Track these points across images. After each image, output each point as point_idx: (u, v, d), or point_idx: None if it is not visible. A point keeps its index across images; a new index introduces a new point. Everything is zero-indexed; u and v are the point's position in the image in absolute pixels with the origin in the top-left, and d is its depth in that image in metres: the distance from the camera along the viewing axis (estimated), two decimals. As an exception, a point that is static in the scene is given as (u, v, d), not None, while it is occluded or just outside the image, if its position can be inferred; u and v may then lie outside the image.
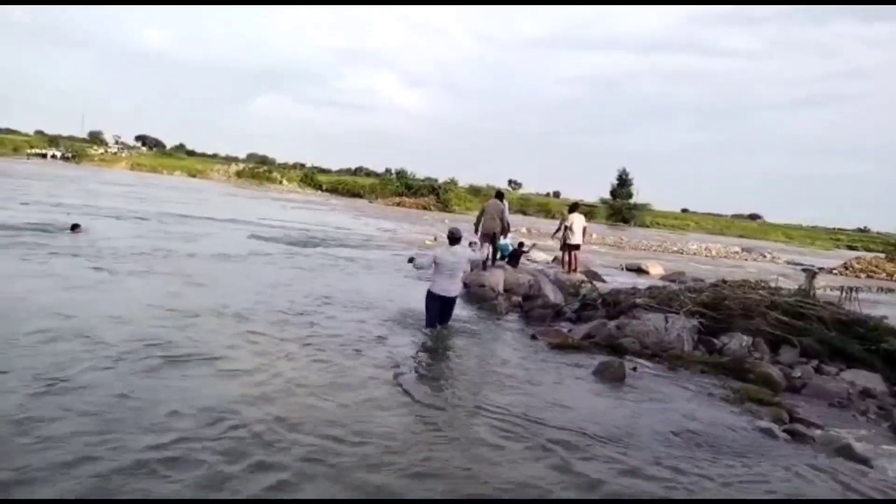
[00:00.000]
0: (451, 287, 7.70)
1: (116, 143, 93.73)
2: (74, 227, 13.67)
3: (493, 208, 12.71)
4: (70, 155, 70.32)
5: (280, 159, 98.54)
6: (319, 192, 66.03)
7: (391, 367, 6.05)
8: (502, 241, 15.56)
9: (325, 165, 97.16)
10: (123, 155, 79.25)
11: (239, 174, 70.16)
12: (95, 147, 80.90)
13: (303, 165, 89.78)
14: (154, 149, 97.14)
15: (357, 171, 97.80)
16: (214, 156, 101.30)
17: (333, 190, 67.32)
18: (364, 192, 62.59)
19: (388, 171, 73.69)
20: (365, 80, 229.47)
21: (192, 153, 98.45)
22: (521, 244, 15.47)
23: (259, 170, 73.68)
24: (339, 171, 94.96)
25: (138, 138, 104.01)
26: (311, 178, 73.86)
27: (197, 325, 6.69)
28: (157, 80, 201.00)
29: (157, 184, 43.00)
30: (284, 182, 69.73)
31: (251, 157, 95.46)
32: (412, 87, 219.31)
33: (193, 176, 66.21)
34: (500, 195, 13.27)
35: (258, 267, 11.50)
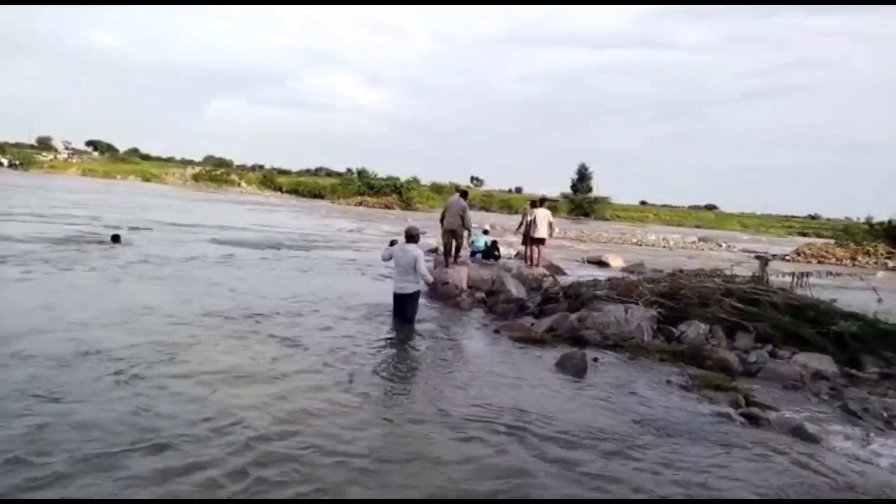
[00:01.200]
0: (405, 284, 7.98)
1: (66, 148, 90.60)
2: (115, 239, 13.75)
3: (455, 205, 12.75)
4: (17, 162, 67.81)
5: (238, 161, 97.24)
6: (280, 193, 65.17)
7: (350, 363, 6.08)
8: (480, 238, 15.68)
9: (284, 166, 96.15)
10: (74, 161, 76.67)
11: (196, 177, 68.64)
12: (44, 154, 78.15)
13: (262, 167, 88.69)
14: (106, 154, 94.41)
15: (318, 172, 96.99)
16: (170, 159, 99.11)
17: (294, 191, 66.52)
18: (325, 193, 62.00)
19: (349, 170, 73.33)
20: (323, 80, 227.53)
21: (146, 157, 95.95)
22: (494, 242, 15.61)
23: (217, 172, 72.21)
24: (300, 172, 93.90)
25: (89, 143, 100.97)
26: (270, 179, 72.84)
27: (170, 327, 6.55)
28: (108, 83, 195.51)
29: (110, 189, 41.73)
30: (243, 184, 68.58)
31: (208, 160, 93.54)
32: (372, 87, 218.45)
33: (148, 180, 64.46)
34: (464, 194, 13.32)
35: (222, 271, 11.28)
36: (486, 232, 17.16)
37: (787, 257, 27.95)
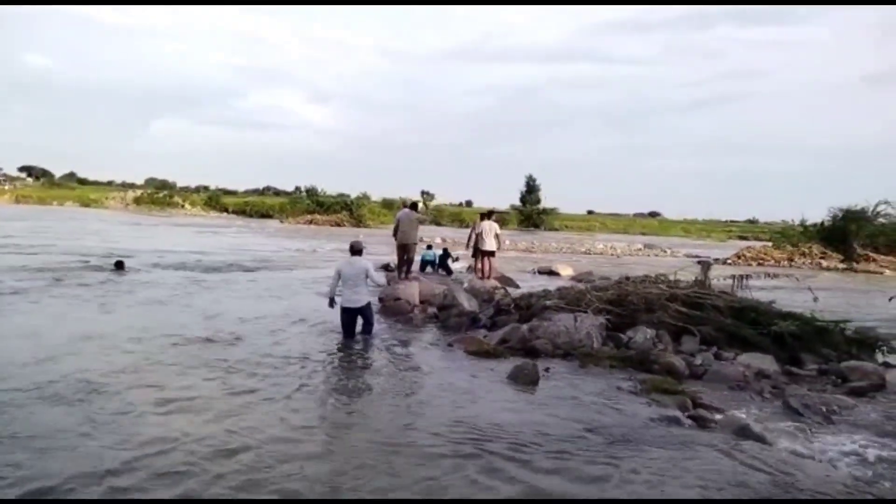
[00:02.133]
0: (355, 297, 8.11)
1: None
2: (119, 265, 13.77)
3: (407, 218, 12.74)
4: (-57, 191, 64.55)
5: (182, 183, 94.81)
6: (226, 214, 63.86)
7: (302, 379, 6.07)
8: (431, 251, 15.72)
9: (230, 187, 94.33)
10: (7, 188, 73.45)
11: (138, 201, 66.61)
12: (-27, 182, 74.63)
13: (207, 188, 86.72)
14: (42, 179, 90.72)
15: (265, 191, 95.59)
16: (110, 183, 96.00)
17: (241, 212, 65.35)
18: (274, 213, 61.12)
19: (297, 189, 72.27)
20: (268, 97, 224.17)
21: (84, 182, 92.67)
22: (445, 250, 15.66)
23: (159, 195, 70.26)
24: (247, 192, 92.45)
25: (23, 169, 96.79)
26: (216, 200, 71.33)
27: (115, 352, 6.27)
28: (42, 106, 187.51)
29: (43, 216, 40.02)
30: (187, 206, 66.93)
31: (150, 183, 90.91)
32: (318, 103, 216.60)
33: (87, 206, 62.13)
34: (414, 206, 13.34)
35: (171, 295, 10.93)
36: (429, 247, 17.25)
37: (729, 261, 28.96)
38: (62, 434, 4.44)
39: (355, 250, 8.38)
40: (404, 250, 12.75)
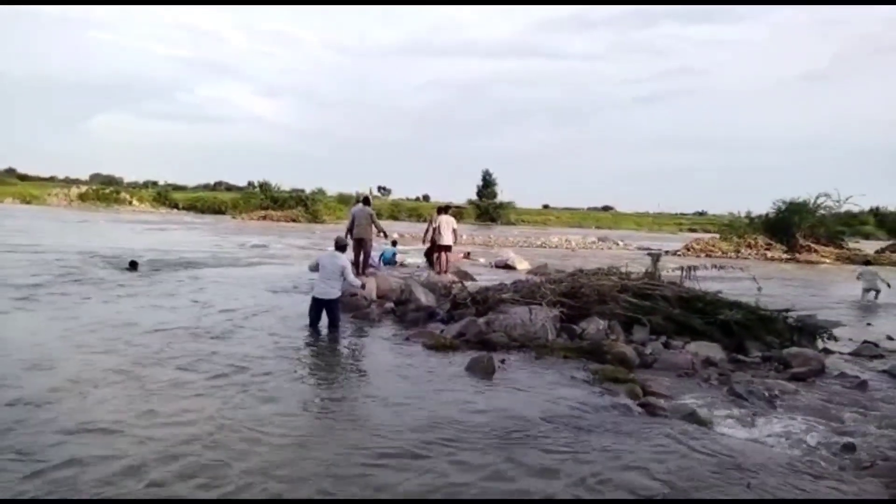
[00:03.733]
0: (328, 290, 8.31)
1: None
2: (133, 265, 13.68)
3: (361, 213, 12.74)
4: None
5: (129, 178, 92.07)
6: (176, 210, 62.26)
7: (259, 374, 6.00)
8: (384, 247, 15.78)
9: (180, 182, 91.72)
10: (-61, 184, 69.95)
11: (82, 197, 64.15)
12: None
13: (155, 183, 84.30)
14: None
15: (217, 186, 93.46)
16: (52, 179, 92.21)
17: (192, 207, 63.80)
18: (226, 208, 59.85)
19: (250, 184, 70.77)
20: (216, 90, 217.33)
21: (24, 177, 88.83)
22: (394, 243, 15.70)
23: (105, 191, 67.83)
24: (197, 188, 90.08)
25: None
26: (165, 196, 69.43)
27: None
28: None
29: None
30: (135, 202, 64.96)
31: (95, 178, 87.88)
32: (268, 97, 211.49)
33: (28, 202, 59.65)
34: (366, 201, 13.33)
35: (113, 295, 10.58)
36: (394, 243, 17.44)
37: (678, 252, 29.76)
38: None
39: (339, 246, 8.77)
40: (360, 245, 12.75)
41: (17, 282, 11.03)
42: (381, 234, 13.78)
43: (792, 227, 31.72)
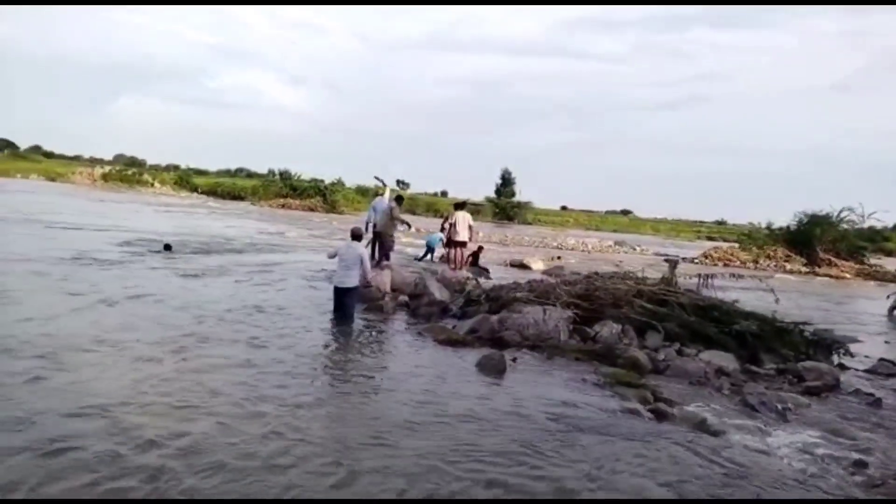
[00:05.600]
0: (345, 279, 8.50)
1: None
2: (167, 248, 13.89)
3: (382, 208, 12.87)
4: None
5: (152, 161, 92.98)
6: (196, 194, 62.74)
7: (270, 364, 6.05)
8: (432, 235, 15.80)
9: (201, 166, 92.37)
10: (-33, 158, 71.18)
11: (105, 177, 64.82)
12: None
13: (177, 167, 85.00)
14: (5, 150, 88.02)
15: (237, 173, 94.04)
16: (77, 158, 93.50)
17: (212, 192, 64.15)
18: (246, 195, 60.19)
19: (270, 171, 71.23)
20: (241, 77, 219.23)
21: (50, 155, 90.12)
22: (442, 229, 15.76)
23: (128, 172, 68.57)
24: (218, 173, 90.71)
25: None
26: (186, 179, 69.92)
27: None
28: (2, 76, 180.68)
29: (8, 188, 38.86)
30: (157, 185, 65.53)
31: (119, 159, 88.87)
32: (292, 86, 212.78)
33: (53, 179, 60.42)
34: (399, 199, 13.42)
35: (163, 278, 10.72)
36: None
37: (696, 260, 29.48)
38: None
39: (355, 235, 8.95)
40: (377, 238, 12.85)
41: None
42: (406, 226, 13.82)
43: (813, 240, 31.20)
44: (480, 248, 16.56)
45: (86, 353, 5.87)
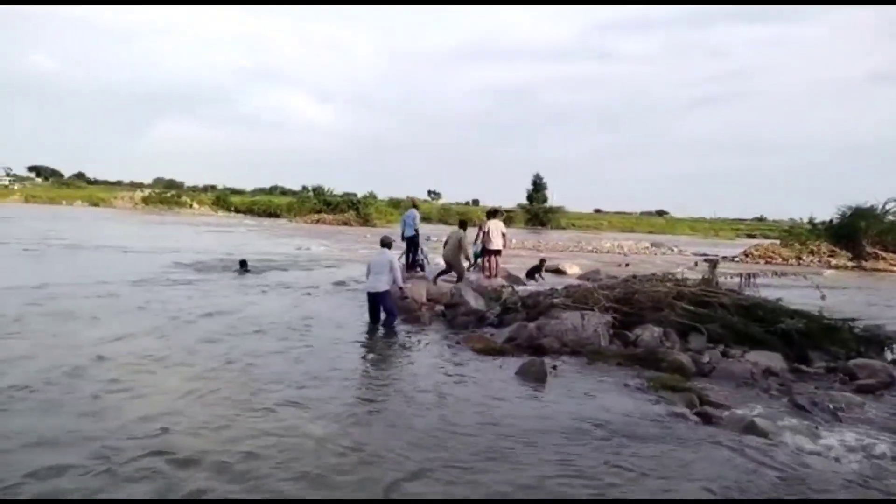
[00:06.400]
0: (376, 283, 8.91)
1: (7, 174, 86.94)
2: (243, 265, 14.46)
3: (454, 237, 13.05)
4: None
5: (189, 182, 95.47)
6: (233, 213, 64.11)
7: (308, 378, 6.15)
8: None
9: (237, 186, 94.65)
10: (15, 187, 73.98)
11: (146, 200, 66.90)
12: (-18, 181, 75.09)
13: (214, 187, 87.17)
14: (50, 179, 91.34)
15: (272, 190, 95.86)
16: (118, 183, 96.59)
17: (248, 211, 65.60)
18: (281, 212, 61.31)
19: (304, 188, 72.54)
20: (273, 97, 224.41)
21: (93, 182, 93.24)
22: (542, 260, 15.97)
23: (167, 194, 70.60)
24: (254, 192, 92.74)
25: (31, 169, 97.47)
26: (223, 199, 71.65)
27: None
28: (49, 106, 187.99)
29: (53, 216, 40.25)
30: (195, 206, 67.25)
31: (158, 182, 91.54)
32: (322, 103, 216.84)
33: (96, 205, 62.56)
34: (463, 225, 13.48)
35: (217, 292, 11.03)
36: (542, 260, 17.61)
37: (736, 259, 28.86)
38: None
39: (384, 243, 9.41)
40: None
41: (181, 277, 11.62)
42: (468, 262, 13.58)
43: (858, 234, 30.22)
44: (543, 261, 16.74)
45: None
